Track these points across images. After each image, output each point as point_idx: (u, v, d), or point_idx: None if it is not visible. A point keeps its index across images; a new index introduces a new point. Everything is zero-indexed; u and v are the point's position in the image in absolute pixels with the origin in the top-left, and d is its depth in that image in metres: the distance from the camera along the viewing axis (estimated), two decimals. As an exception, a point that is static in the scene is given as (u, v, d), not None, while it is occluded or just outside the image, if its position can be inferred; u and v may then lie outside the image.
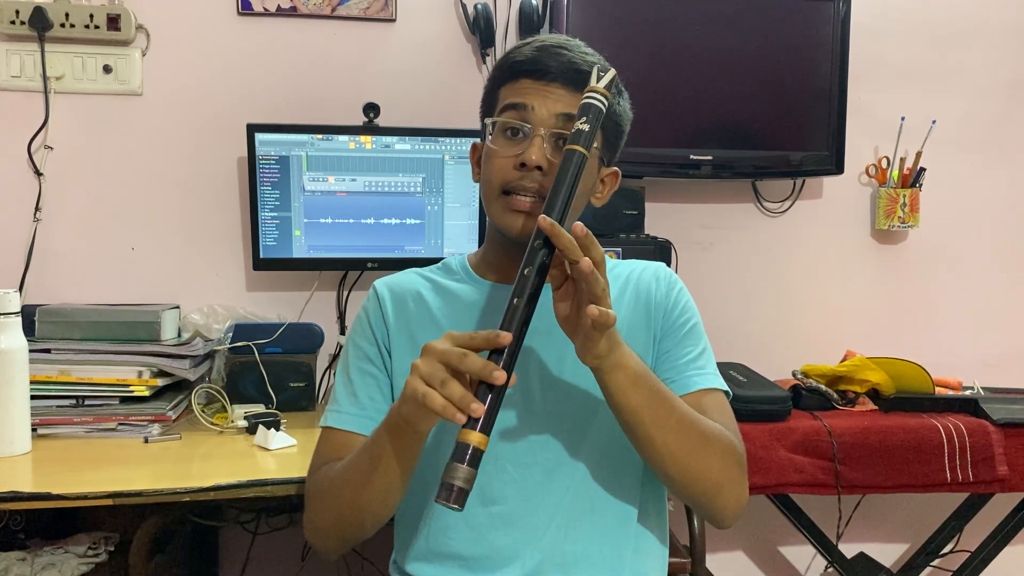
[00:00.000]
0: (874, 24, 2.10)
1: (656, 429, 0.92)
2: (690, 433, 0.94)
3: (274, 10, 1.86)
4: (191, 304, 1.81)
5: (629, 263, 1.14)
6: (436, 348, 0.82)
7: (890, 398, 1.81)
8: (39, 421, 1.49)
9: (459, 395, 0.79)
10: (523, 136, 1.00)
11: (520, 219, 0.99)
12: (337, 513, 1.01)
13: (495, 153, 1.01)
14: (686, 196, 2.08)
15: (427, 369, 0.81)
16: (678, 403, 0.94)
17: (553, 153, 0.98)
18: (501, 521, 1.01)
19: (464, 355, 0.80)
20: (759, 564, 2.19)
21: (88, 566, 1.45)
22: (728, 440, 0.98)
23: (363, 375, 1.08)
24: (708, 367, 1.07)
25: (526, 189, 0.98)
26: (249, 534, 1.82)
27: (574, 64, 0.99)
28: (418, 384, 0.81)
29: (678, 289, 1.10)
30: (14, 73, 1.78)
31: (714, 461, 0.96)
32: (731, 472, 0.98)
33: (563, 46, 1.02)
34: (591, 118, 0.92)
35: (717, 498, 0.98)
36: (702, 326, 1.10)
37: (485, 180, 1.03)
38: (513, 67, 1.02)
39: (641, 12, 1.90)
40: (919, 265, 2.20)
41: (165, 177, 1.86)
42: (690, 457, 0.94)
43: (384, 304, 1.10)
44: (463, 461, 0.78)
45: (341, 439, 1.05)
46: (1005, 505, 1.91)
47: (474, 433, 0.79)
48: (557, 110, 0.98)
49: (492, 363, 0.80)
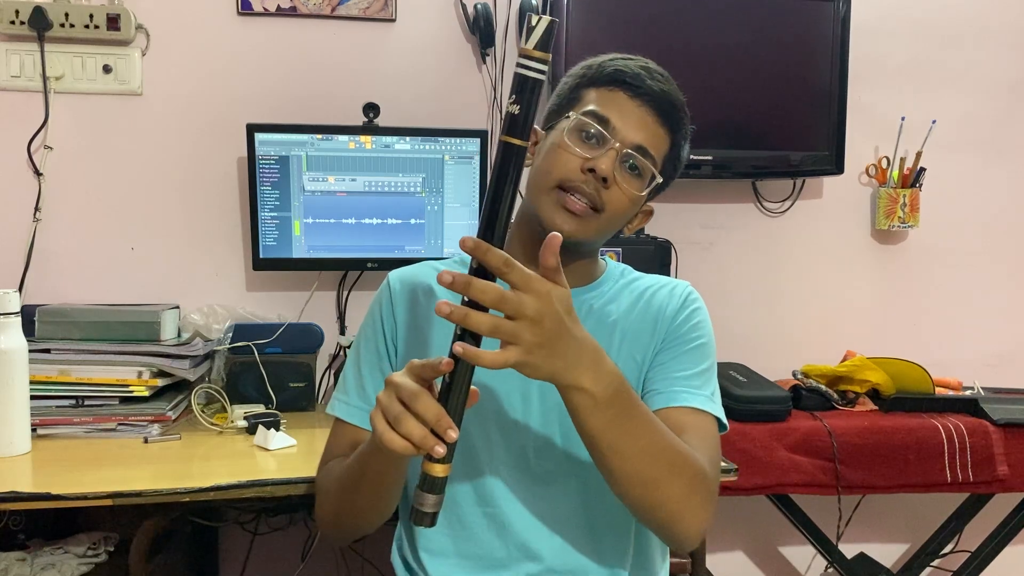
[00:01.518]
0: (874, 24, 2.10)
1: (612, 455, 0.86)
2: (655, 461, 0.88)
3: (274, 10, 1.86)
4: (191, 304, 1.81)
5: (653, 278, 1.12)
6: (394, 381, 0.80)
7: (890, 398, 1.81)
8: (39, 421, 1.49)
9: (419, 436, 0.77)
10: (597, 143, 0.98)
11: (572, 221, 0.98)
12: (335, 512, 1.03)
13: (565, 148, 0.99)
14: (686, 196, 2.08)
15: (386, 402, 0.79)
16: (649, 429, 0.88)
17: (620, 172, 0.99)
18: (494, 522, 1.02)
19: (416, 395, 0.78)
20: (759, 564, 2.19)
21: (88, 566, 1.45)
22: (698, 467, 0.92)
23: (372, 368, 1.08)
24: (703, 388, 1.02)
25: (584, 193, 0.97)
26: (249, 534, 1.82)
27: (669, 96, 1.01)
28: (378, 421, 0.80)
29: (693, 308, 1.07)
30: (14, 73, 1.78)
31: (675, 490, 0.90)
32: (693, 501, 0.91)
33: (665, 76, 1.04)
34: (524, 94, 0.77)
35: (675, 526, 0.92)
36: (712, 350, 1.06)
37: (543, 170, 1.01)
38: (614, 75, 1.01)
39: (641, 12, 1.90)
40: (919, 265, 2.20)
41: (165, 177, 1.86)
42: (648, 486, 0.89)
43: (394, 297, 1.10)
44: (430, 491, 0.79)
45: (350, 434, 1.06)
46: (1005, 505, 1.91)
47: (437, 465, 0.79)
48: (640, 136, 0.99)
49: (446, 418, 0.77)
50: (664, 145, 1.02)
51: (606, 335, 1.03)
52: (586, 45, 1.86)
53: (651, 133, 1.00)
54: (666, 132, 1.02)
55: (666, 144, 1.03)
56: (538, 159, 1.03)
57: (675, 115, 1.02)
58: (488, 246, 0.75)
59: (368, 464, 0.93)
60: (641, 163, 1.00)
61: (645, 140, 0.99)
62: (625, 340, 1.04)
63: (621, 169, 0.99)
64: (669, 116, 1.01)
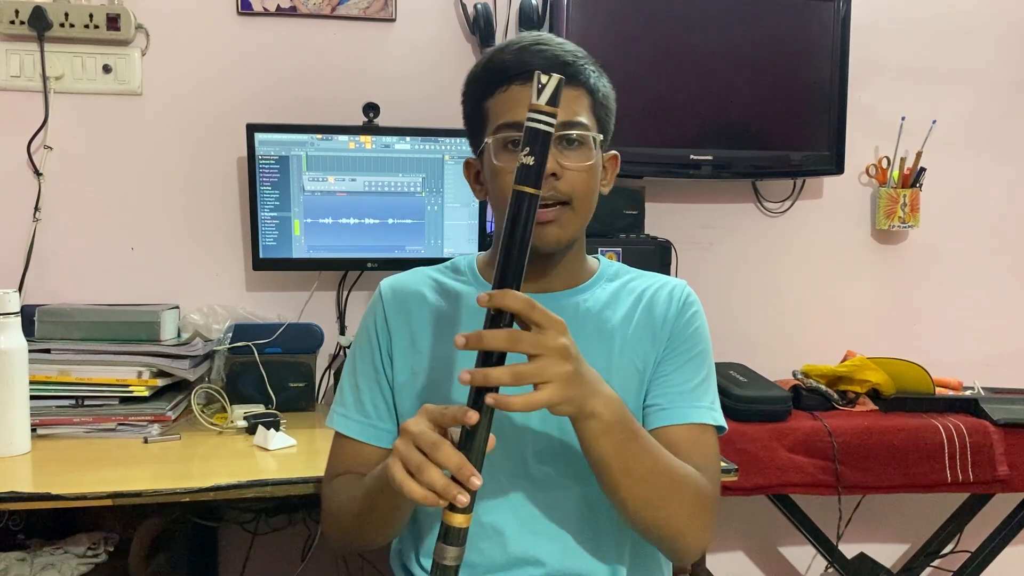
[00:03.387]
0: (874, 24, 2.10)
1: (622, 477, 0.88)
2: (659, 482, 0.91)
3: (274, 10, 1.86)
4: (191, 304, 1.81)
5: (647, 276, 1.10)
6: (411, 430, 0.79)
7: (890, 398, 1.81)
8: (39, 421, 1.49)
9: (441, 486, 0.76)
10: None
11: (551, 230, 0.97)
12: (342, 531, 1.04)
13: (503, 170, 0.96)
14: (686, 196, 2.08)
15: (404, 451, 0.79)
16: (652, 452, 0.91)
17: (561, 156, 0.96)
18: (493, 531, 1.01)
19: (436, 447, 0.77)
20: (759, 564, 2.19)
21: (88, 566, 1.45)
22: (700, 486, 0.95)
23: (368, 381, 1.08)
24: (704, 399, 1.02)
25: (545, 199, 0.94)
26: (249, 534, 1.82)
27: (559, 58, 0.97)
28: (397, 470, 0.79)
29: (692, 312, 1.06)
30: (14, 73, 1.78)
31: (680, 509, 0.93)
32: (696, 520, 0.95)
33: (542, 42, 0.98)
34: (536, 146, 0.81)
35: (678, 543, 0.96)
36: (710, 355, 1.06)
37: (498, 197, 0.98)
38: (498, 75, 0.99)
39: (641, 12, 1.90)
40: (919, 265, 2.20)
41: (165, 177, 1.86)
42: (654, 507, 0.91)
43: (386, 308, 1.09)
44: (452, 543, 0.78)
45: (350, 449, 1.07)
46: (1005, 505, 1.91)
47: (458, 515, 0.78)
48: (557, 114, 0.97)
49: (469, 465, 0.77)
50: (583, 101, 0.98)
51: (606, 342, 1.03)
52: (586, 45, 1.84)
53: (564, 101, 0.92)
54: (576, 89, 0.97)
55: (584, 98, 0.98)
56: (489, 188, 1.02)
57: (574, 68, 0.96)
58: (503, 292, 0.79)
59: (379, 499, 0.93)
60: (575, 135, 0.97)
61: (564, 114, 0.93)
62: (626, 348, 1.03)
63: (561, 153, 0.96)
64: (572, 74, 0.95)
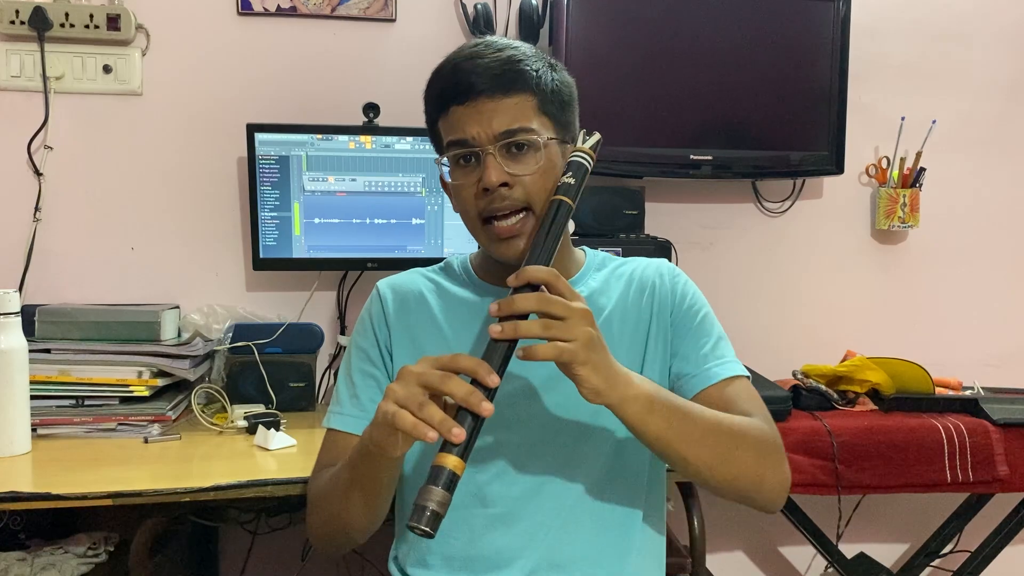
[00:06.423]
0: (874, 24, 2.10)
1: (686, 446, 0.91)
2: (719, 438, 0.93)
3: (274, 10, 1.86)
4: (191, 304, 1.81)
5: (632, 260, 1.14)
6: (413, 371, 0.80)
7: (890, 398, 1.81)
8: (39, 421, 1.49)
9: (439, 418, 0.77)
10: (476, 161, 0.97)
11: (515, 243, 0.98)
12: (324, 522, 1.03)
13: (460, 186, 1.00)
14: (686, 196, 2.08)
15: (403, 392, 0.79)
16: (699, 412, 0.93)
17: (511, 164, 0.96)
18: (500, 522, 1.01)
19: (447, 377, 0.79)
20: (759, 564, 2.19)
21: (88, 566, 1.45)
22: (758, 429, 0.97)
23: (365, 376, 1.08)
24: (726, 355, 1.05)
25: (502, 210, 0.97)
26: (249, 534, 1.82)
27: (490, 69, 0.96)
28: (389, 406, 0.79)
29: (683, 282, 1.10)
30: (14, 73, 1.78)
31: (749, 456, 0.95)
32: (769, 461, 0.97)
33: (478, 53, 0.98)
34: (577, 172, 0.96)
35: (761, 490, 0.97)
36: (712, 313, 1.09)
37: (462, 211, 1.02)
38: (439, 98, 1.00)
39: (641, 12, 1.90)
40: (919, 265, 2.20)
41: (165, 177, 1.86)
42: (725, 462, 0.94)
43: (386, 305, 1.09)
44: (439, 484, 0.76)
45: (342, 441, 1.06)
46: (1005, 505, 1.91)
47: (451, 456, 0.77)
48: (494, 127, 0.95)
49: (479, 392, 0.78)
50: (525, 104, 0.97)
51: (604, 329, 1.03)
52: (586, 45, 1.87)
53: (503, 112, 0.95)
54: (515, 96, 0.96)
55: (527, 101, 0.97)
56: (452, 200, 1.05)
57: (511, 76, 0.96)
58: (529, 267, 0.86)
59: (360, 467, 0.92)
60: (520, 140, 0.96)
61: (503, 123, 0.95)
62: (625, 331, 1.05)
63: (510, 161, 0.96)
64: (507, 82, 0.96)
